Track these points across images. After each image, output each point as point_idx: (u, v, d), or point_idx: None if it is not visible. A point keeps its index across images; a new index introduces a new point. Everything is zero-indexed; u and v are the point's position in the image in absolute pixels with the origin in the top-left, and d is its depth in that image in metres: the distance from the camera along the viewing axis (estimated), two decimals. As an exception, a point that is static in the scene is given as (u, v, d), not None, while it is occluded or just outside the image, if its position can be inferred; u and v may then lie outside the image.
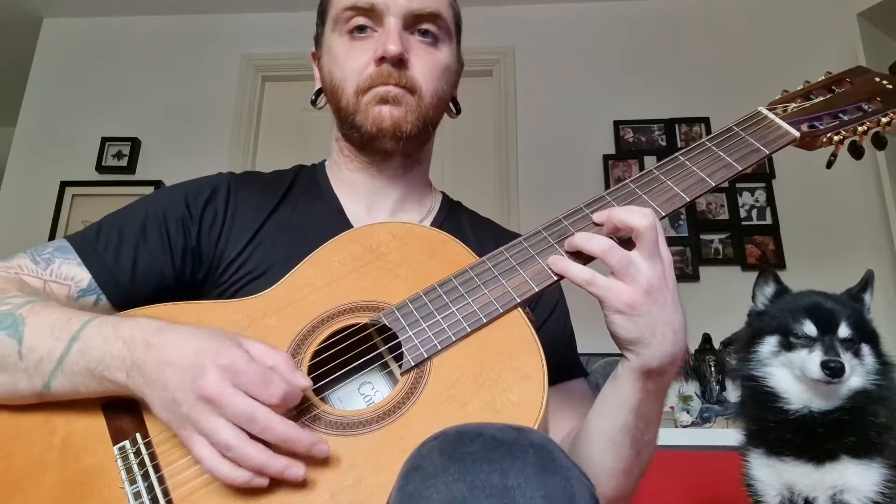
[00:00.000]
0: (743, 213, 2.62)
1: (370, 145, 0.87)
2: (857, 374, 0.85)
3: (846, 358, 0.84)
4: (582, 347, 0.98)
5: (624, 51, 2.88)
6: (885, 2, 2.44)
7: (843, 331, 0.86)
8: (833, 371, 0.82)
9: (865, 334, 0.87)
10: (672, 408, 2.27)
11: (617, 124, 2.78)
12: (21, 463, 0.62)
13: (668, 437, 2.01)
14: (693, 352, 2.36)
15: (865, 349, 0.87)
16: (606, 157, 2.74)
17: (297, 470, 0.57)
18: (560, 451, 0.52)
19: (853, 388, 0.85)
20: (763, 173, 2.64)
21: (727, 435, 1.97)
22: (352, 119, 0.85)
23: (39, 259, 0.77)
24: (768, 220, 2.60)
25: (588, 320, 1.01)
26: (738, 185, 2.65)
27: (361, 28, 0.85)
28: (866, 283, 0.92)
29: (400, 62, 0.83)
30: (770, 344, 0.89)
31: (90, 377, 0.63)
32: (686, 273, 2.55)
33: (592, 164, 2.73)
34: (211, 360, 0.57)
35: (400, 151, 0.88)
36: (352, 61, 0.85)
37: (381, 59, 0.82)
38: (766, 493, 0.87)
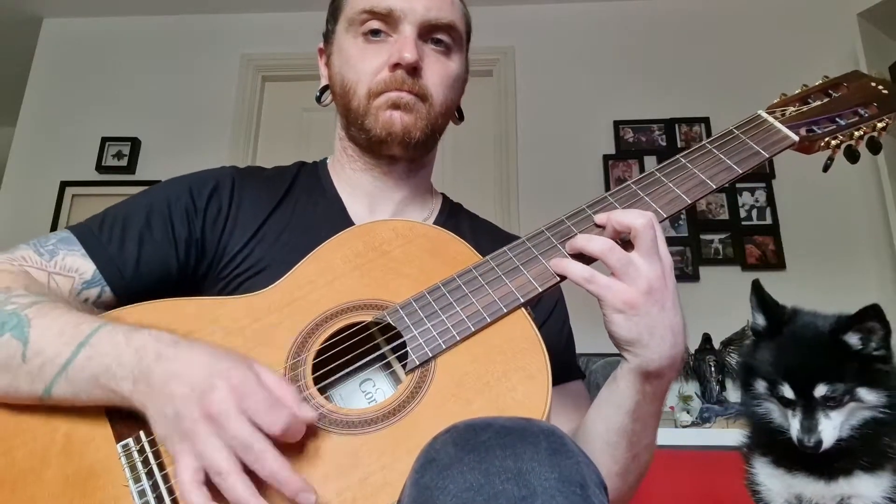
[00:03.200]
0: (743, 213, 2.62)
1: (377, 149, 0.87)
2: (861, 410, 0.81)
3: (824, 420, 0.80)
4: (582, 347, 0.98)
5: (624, 51, 2.88)
6: (885, 2, 2.44)
7: (821, 390, 0.81)
8: (809, 449, 0.79)
9: (860, 378, 0.81)
10: (672, 408, 2.27)
11: (617, 124, 2.78)
12: (23, 459, 0.62)
13: (668, 437, 2.01)
14: (693, 352, 2.36)
15: (863, 392, 0.81)
16: (606, 157, 2.74)
17: None
18: (568, 438, 0.53)
19: (862, 419, 0.82)
20: (763, 173, 2.64)
21: (727, 435, 1.97)
22: (361, 121, 0.85)
23: (43, 251, 0.77)
24: (768, 220, 2.60)
25: (588, 321, 1.01)
26: (738, 186, 2.65)
27: (376, 32, 0.85)
28: (863, 316, 0.82)
29: (414, 70, 0.83)
30: (761, 386, 0.87)
31: (93, 385, 0.62)
32: (686, 273, 2.55)
33: (592, 164, 2.73)
34: (222, 378, 0.56)
35: (406, 156, 0.88)
36: (365, 64, 0.85)
37: (396, 66, 0.83)
38: (773, 501, 0.86)
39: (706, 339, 2.35)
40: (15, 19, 3.06)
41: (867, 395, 0.81)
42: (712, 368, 2.30)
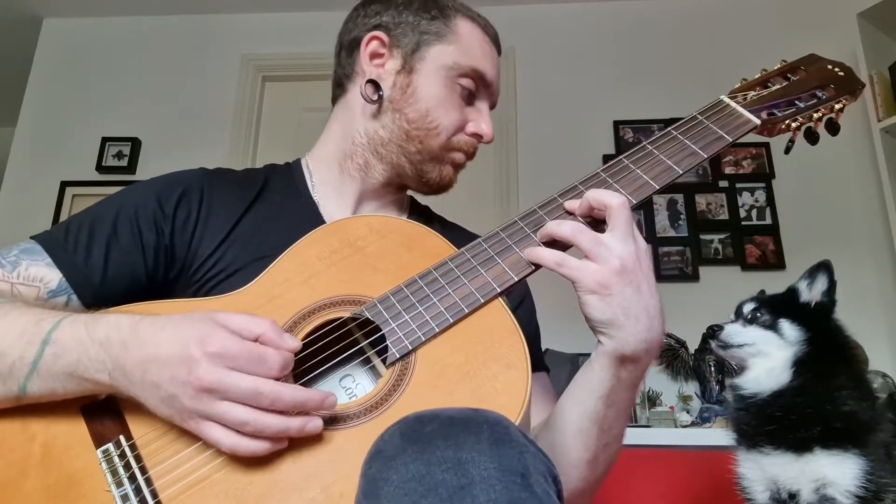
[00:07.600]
0: (743, 213, 2.62)
1: (409, 184, 0.93)
2: (780, 348, 0.89)
3: (744, 328, 0.92)
4: (574, 347, 0.99)
5: (624, 51, 2.88)
6: (885, 2, 2.44)
7: (746, 308, 0.95)
8: (710, 332, 0.94)
9: (780, 312, 0.92)
10: (672, 408, 2.27)
11: (617, 124, 2.78)
12: (1, 471, 0.61)
13: (668, 437, 2.01)
14: (693, 352, 2.36)
15: (784, 324, 0.90)
16: (606, 157, 2.73)
17: (316, 422, 0.59)
18: (515, 428, 0.53)
19: (787, 359, 0.87)
20: (763, 173, 2.64)
21: (727, 435, 1.97)
22: (424, 160, 0.89)
23: (5, 262, 0.75)
24: (768, 220, 2.60)
25: (577, 321, 1.01)
26: (738, 185, 2.64)
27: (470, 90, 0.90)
28: (809, 273, 0.96)
29: None
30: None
31: (68, 379, 0.62)
32: (686, 273, 2.55)
33: (592, 163, 2.68)
34: (199, 349, 0.57)
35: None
36: (454, 115, 0.89)
37: (478, 136, 0.91)
38: (754, 490, 0.88)
39: (706, 339, 2.35)
40: (15, 19, 3.06)
41: (788, 328, 0.89)
42: (712, 368, 2.30)
